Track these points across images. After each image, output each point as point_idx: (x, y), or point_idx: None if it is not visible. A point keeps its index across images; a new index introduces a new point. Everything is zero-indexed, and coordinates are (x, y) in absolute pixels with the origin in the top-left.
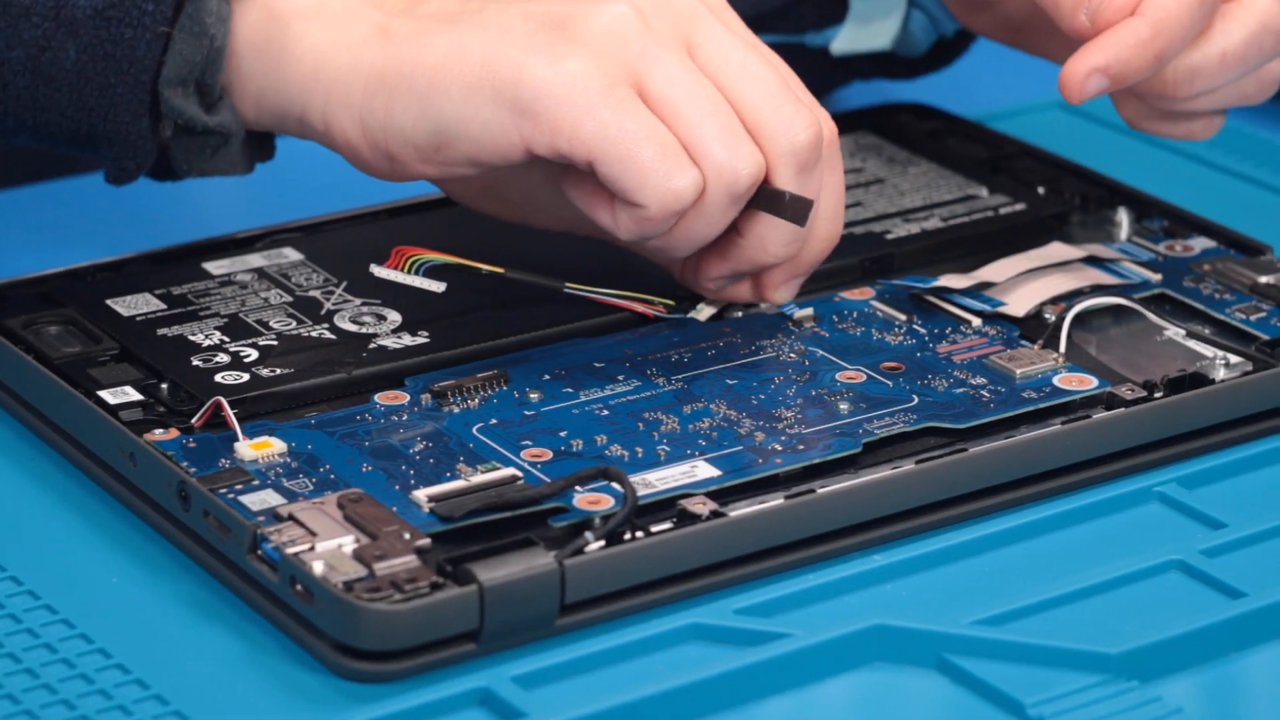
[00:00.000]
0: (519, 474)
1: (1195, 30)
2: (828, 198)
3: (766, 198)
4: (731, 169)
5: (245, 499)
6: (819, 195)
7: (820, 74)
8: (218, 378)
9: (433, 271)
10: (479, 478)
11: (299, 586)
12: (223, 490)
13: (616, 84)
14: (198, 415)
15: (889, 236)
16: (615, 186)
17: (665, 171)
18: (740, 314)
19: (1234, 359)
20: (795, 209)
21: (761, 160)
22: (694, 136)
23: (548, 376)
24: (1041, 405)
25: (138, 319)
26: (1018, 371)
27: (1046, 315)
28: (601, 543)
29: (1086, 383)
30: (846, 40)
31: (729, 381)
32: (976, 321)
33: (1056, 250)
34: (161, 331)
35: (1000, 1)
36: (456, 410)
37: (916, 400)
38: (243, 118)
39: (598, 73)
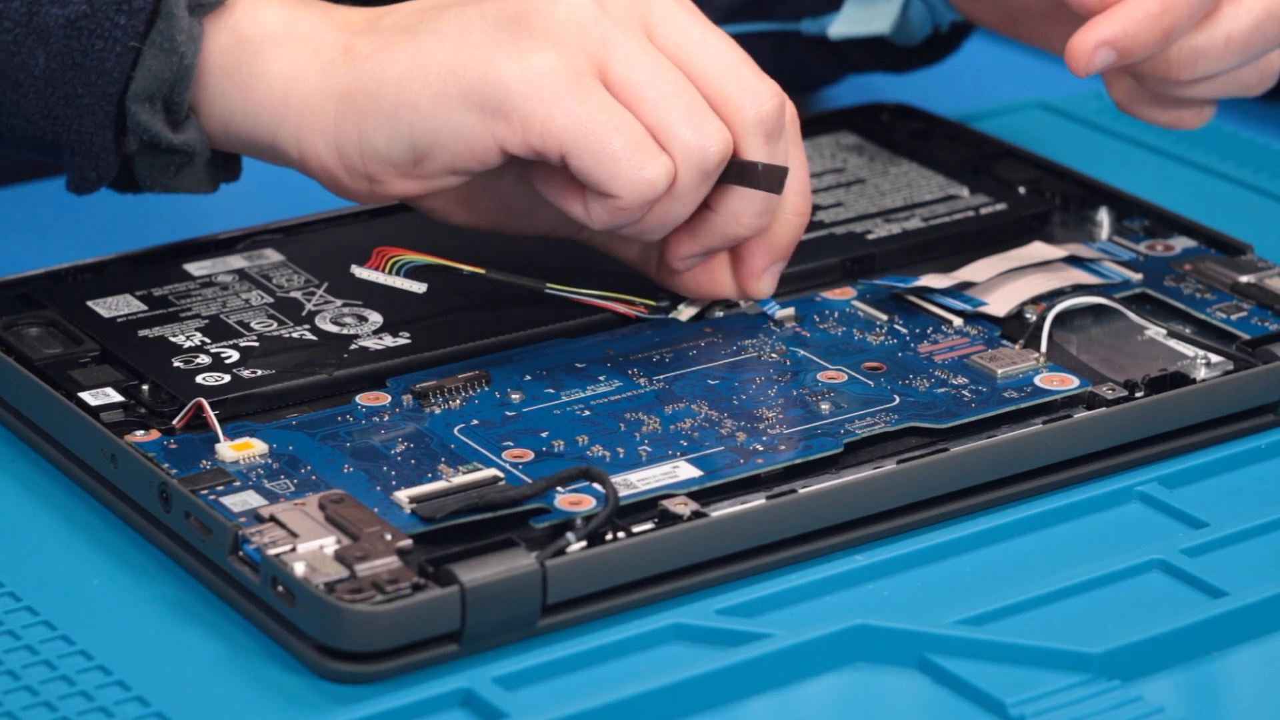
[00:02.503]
0: (500, 475)
1: (1203, 11)
2: (794, 171)
3: (738, 170)
4: (700, 148)
5: (226, 500)
6: (791, 164)
7: (813, 64)
8: (199, 379)
9: (414, 272)
10: (460, 479)
11: (280, 587)
12: (204, 491)
13: (582, 74)
14: (179, 416)
15: (870, 236)
16: (588, 179)
17: (637, 161)
18: (721, 314)
19: (1215, 358)
20: (769, 177)
21: (729, 135)
22: (660, 120)
23: (529, 377)
24: (1023, 405)
25: (119, 320)
26: (999, 371)
27: (1027, 315)
28: (583, 543)
29: (1068, 382)
30: (845, 24)
31: (710, 382)
32: (958, 321)
33: (1037, 250)
34: (142, 333)
35: None
36: (438, 411)
37: (898, 400)
38: (209, 139)
39: (563, 64)
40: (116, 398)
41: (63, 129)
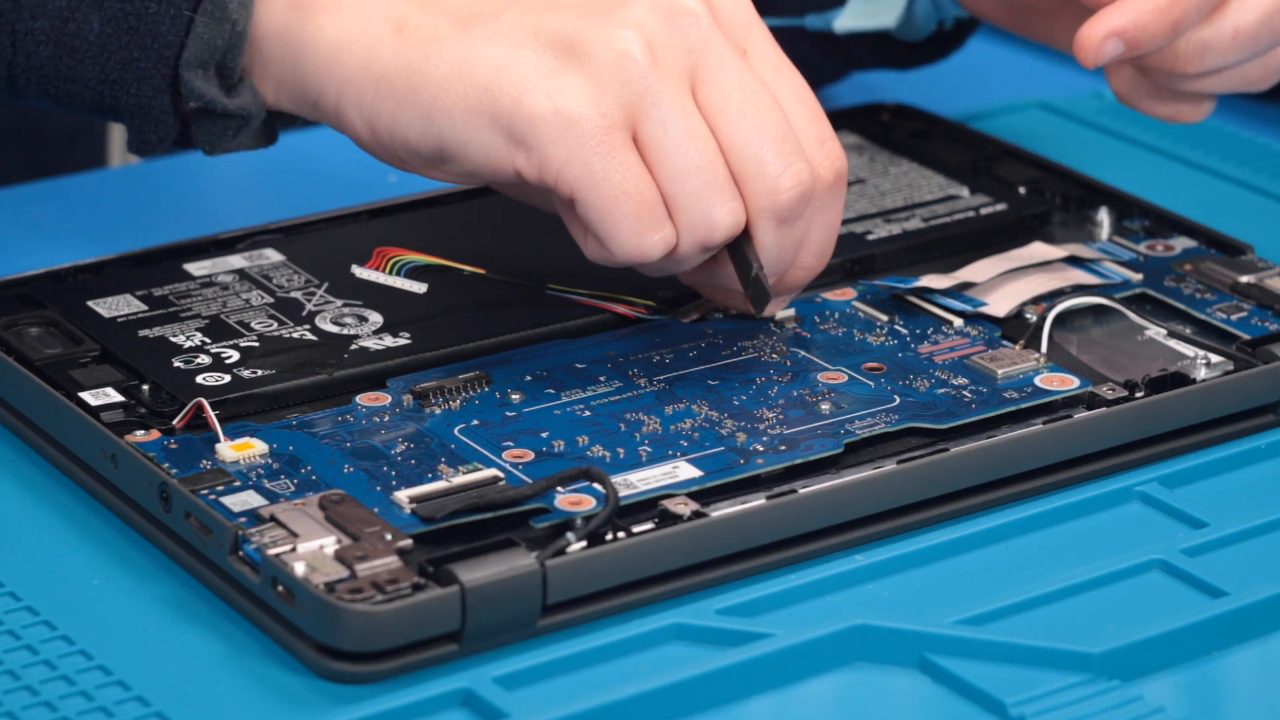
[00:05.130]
0: (500, 475)
1: (1211, 4)
2: (816, 235)
3: (739, 257)
4: (706, 226)
5: (227, 500)
6: (803, 238)
7: (817, 61)
8: (199, 379)
9: (414, 272)
10: (460, 479)
11: (280, 587)
12: (204, 491)
13: (613, 128)
14: (179, 416)
15: (870, 237)
16: (590, 228)
17: (638, 230)
18: (721, 315)
19: (1215, 358)
20: (756, 289)
21: (740, 214)
22: (675, 190)
23: (529, 377)
24: (1023, 405)
25: (119, 320)
26: (999, 372)
27: (1028, 315)
28: (583, 543)
29: (1068, 382)
30: (850, 18)
31: (711, 382)
32: (958, 322)
33: (1038, 250)
34: (143, 333)
35: None
36: (438, 411)
37: (898, 400)
38: (263, 100)
39: (595, 114)
40: (117, 398)
41: (121, 93)
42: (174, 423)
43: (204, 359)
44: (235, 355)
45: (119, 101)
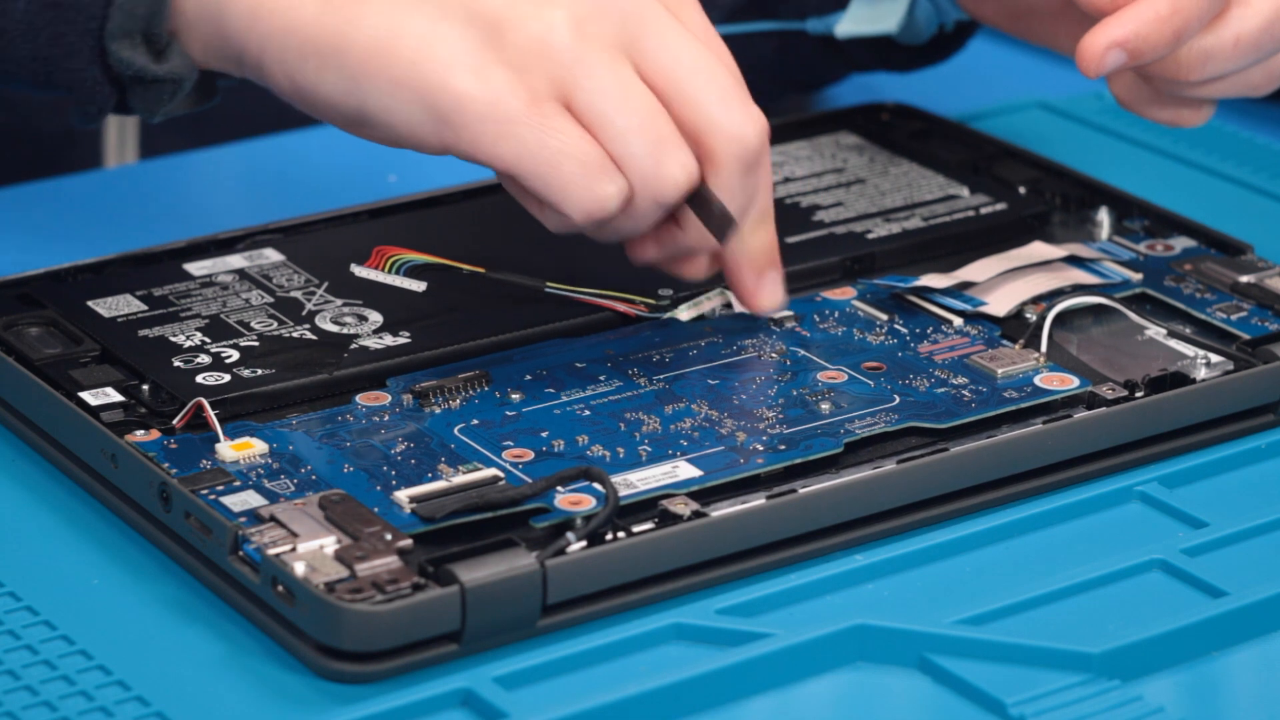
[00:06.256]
0: (500, 474)
1: (1213, 11)
2: (765, 195)
3: (699, 201)
4: (657, 179)
5: (226, 500)
6: (759, 191)
7: (817, 64)
8: (199, 379)
9: (414, 271)
10: (460, 478)
11: (280, 587)
12: (204, 491)
13: (540, 100)
14: (179, 416)
15: (870, 236)
16: (539, 197)
17: (587, 184)
18: (721, 313)
19: (1215, 358)
20: (721, 222)
21: (694, 168)
22: (620, 149)
23: (529, 377)
24: (1023, 405)
25: (119, 320)
26: (999, 371)
27: (1027, 315)
28: (583, 543)
29: (1068, 382)
30: (851, 23)
31: (710, 381)
32: (958, 321)
33: (1037, 250)
34: (143, 332)
35: None
36: (438, 411)
37: (898, 400)
38: (194, 61)
39: (521, 89)
40: (116, 397)
41: (54, 69)
42: (174, 423)
43: (204, 359)
44: (235, 355)
45: (53, 77)
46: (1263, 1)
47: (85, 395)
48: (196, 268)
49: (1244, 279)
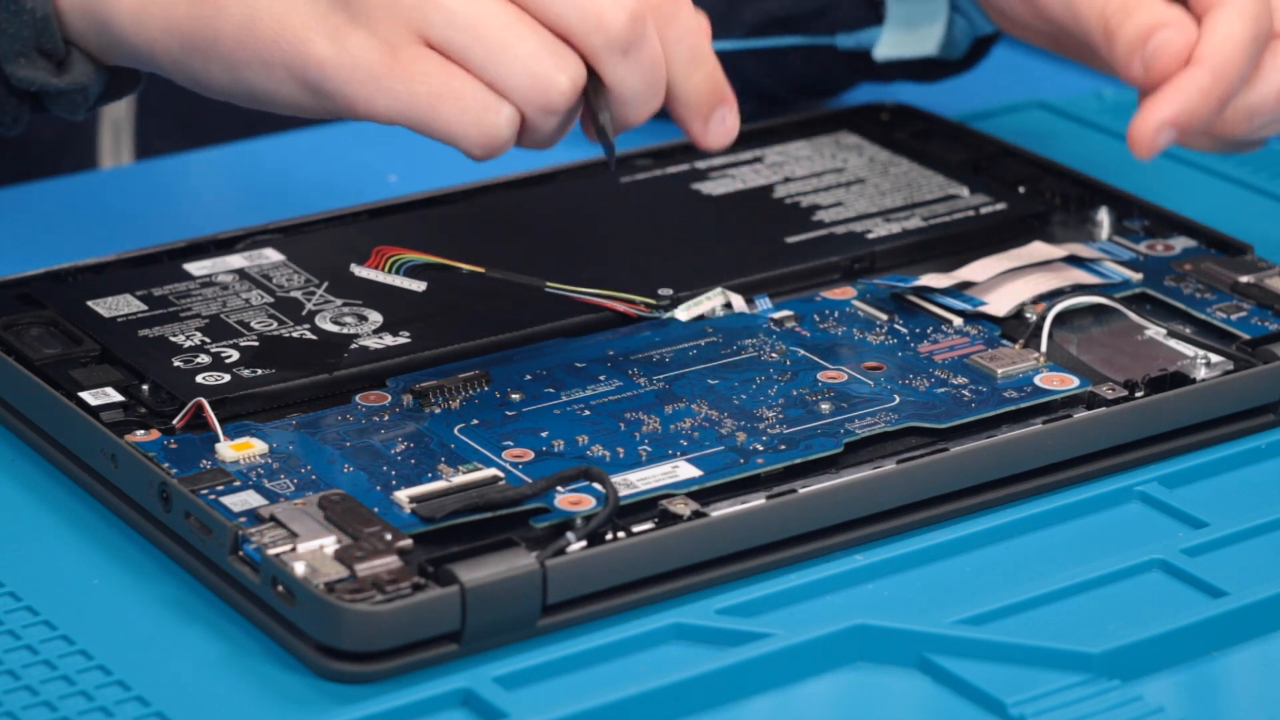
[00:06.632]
0: (500, 474)
1: (1250, 69)
2: (675, 48)
3: (590, 112)
4: (541, 92)
5: (226, 500)
6: (660, 58)
7: (843, 75)
8: (199, 379)
9: (413, 271)
10: (460, 478)
11: (280, 587)
12: (204, 491)
13: (399, 48)
14: (179, 416)
15: (870, 236)
16: (436, 138)
17: (472, 120)
18: (722, 314)
19: (1215, 358)
20: (603, 138)
21: (572, 68)
22: (491, 74)
23: (529, 377)
24: (1023, 405)
25: (119, 320)
26: (999, 371)
27: (1027, 315)
28: (583, 543)
29: (1067, 382)
30: (889, 46)
31: (710, 381)
32: (958, 321)
33: (1037, 250)
34: (143, 332)
35: (1050, 27)
36: (438, 411)
37: (898, 400)
38: (96, 66)
39: (379, 44)
40: (116, 397)
41: None
42: (174, 422)
43: (204, 359)
44: (235, 355)
45: None
46: None
47: (85, 395)
48: (196, 268)
49: (1244, 279)
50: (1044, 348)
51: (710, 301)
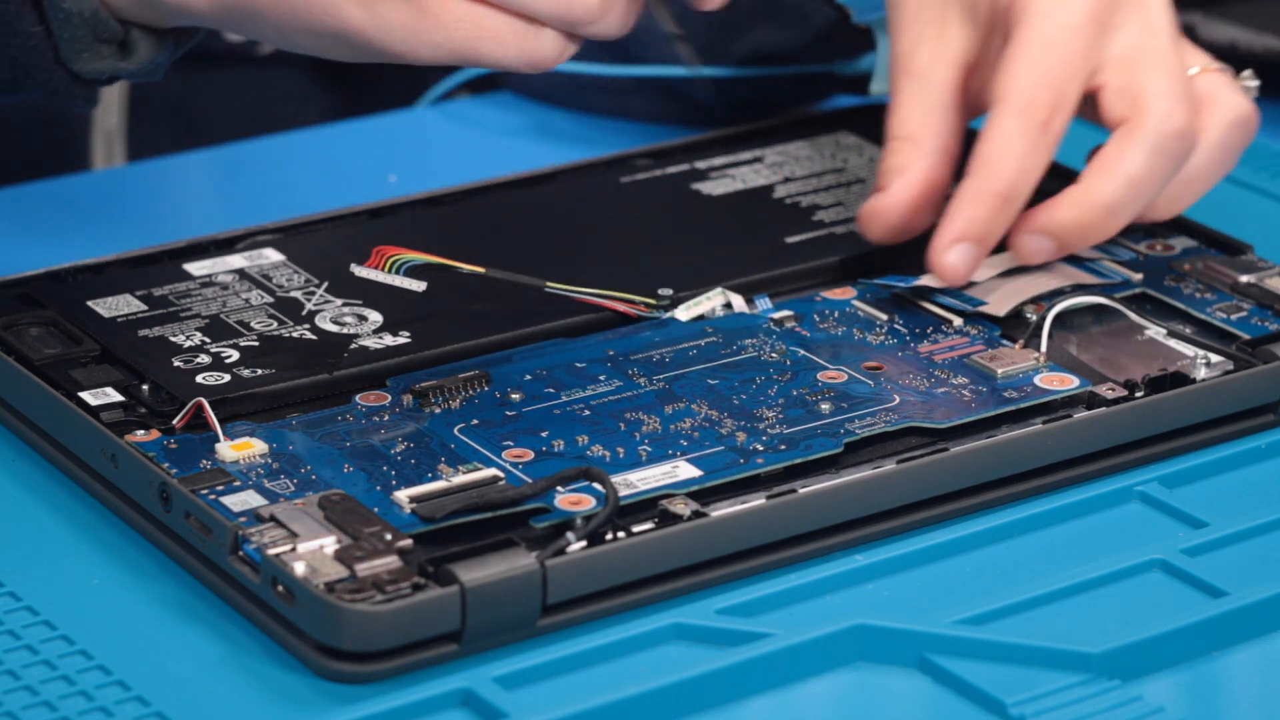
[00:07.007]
0: (500, 474)
1: (1034, 159)
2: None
3: None
4: (568, 6)
5: (226, 500)
6: None
7: (838, 88)
8: (199, 379)
9: (413, 271)
10: (460, 478)
11: (280, 587)
12: (204, 491)
13: (426, 2)
14: (179, 416)
15: None
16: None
17: (515, 51)
18: (722, 314)
19: (1215, 358)
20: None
21: None
22: (519, 5)
23: (529, 377)
24: (1023, 405)
25: (119, 320)
26: (999, 371)
27: (1027, 314)
28: (583, 543)
29: (1067, 382)
30: (884, 81)
31: (710, 381)
32: (958, 321)
33: None
34: (142, 332)
35: None
36: (438, 411)
37: (898, 400)
38: (158, 38)
39: (405, 2)
40: (116, 397)
41: (34, 87)
42: (174, 422)
43: (204, 359)
44: (235, 355)
45: (38, 94)
46: (1213, 128)
47: (85, 395)
48: (196, 268)
49: (1244, 279)
50: (1044, 348)
51: (710, 301)
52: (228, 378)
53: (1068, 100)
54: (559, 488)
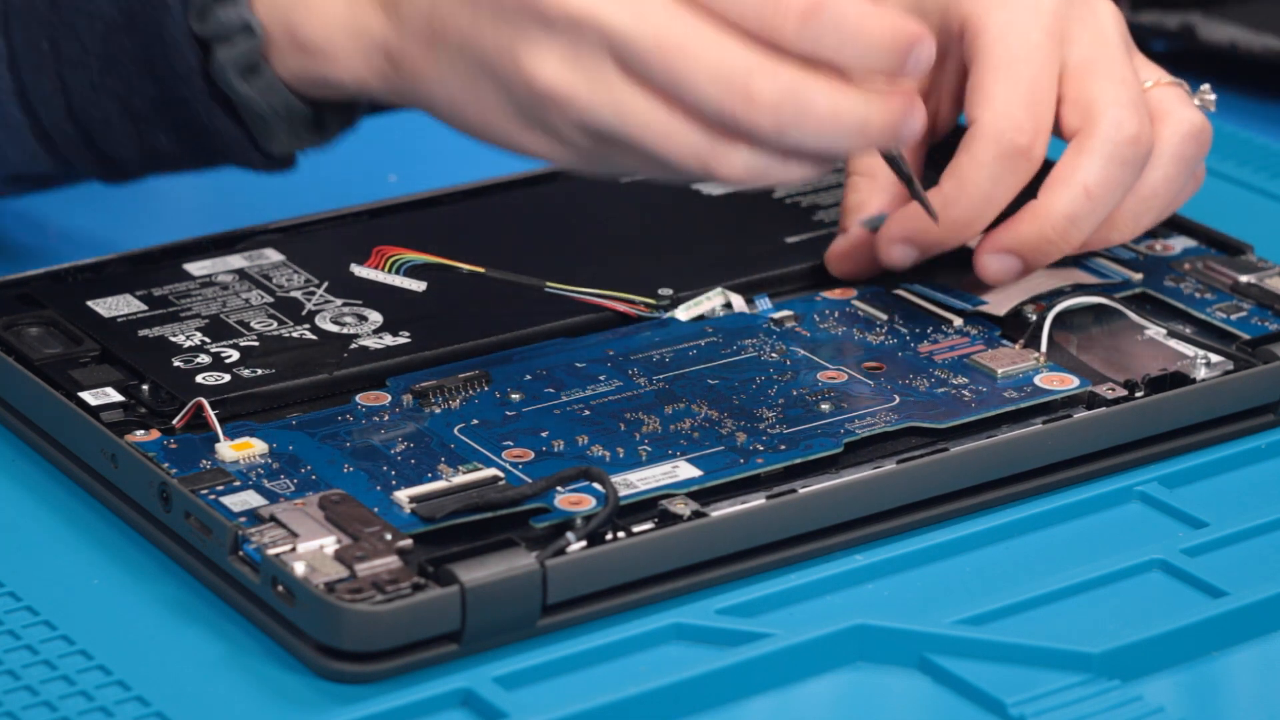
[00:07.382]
0: (500, 474)
1: (1123, 190)
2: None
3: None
4: (771, 118)
5: (226, 500)
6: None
7: None
8: (199, 379)
9: (413, 271)
10: (460, 478)
11: (280, 587)
12: (204, 491)
13: (595, 88)
14: (179, 416)
15: None
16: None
17: (697, 162)
18: (721, 313)
19: (1215, 358)
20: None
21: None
22: (703, 108)
23: (529, 377)
24: (1022, 405)
25: (119, 320)
26: (999, 371)
27: (1028, 314)
28: (583, 543)
29: (1067, 382)
30: None
31: (710, 381)
32: (958, 321)
33: None
34: (142, 332)
35: None
36: (438, 411)
37: (898, 400)
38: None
39: (561, 146)
40: (117, 397)
41: (229, 165)
42: (174, 422)
43: (204, 358)
44: (235, 355)
45: (215, 156)
46: (1165, 148)
47: (85, 395)
48: (196, 268)
49: (1244, 279)
50: (1044, 348)
51: (710, 301)
52: (228, 378)
53: (1046, 123)
54: (559, 488)
